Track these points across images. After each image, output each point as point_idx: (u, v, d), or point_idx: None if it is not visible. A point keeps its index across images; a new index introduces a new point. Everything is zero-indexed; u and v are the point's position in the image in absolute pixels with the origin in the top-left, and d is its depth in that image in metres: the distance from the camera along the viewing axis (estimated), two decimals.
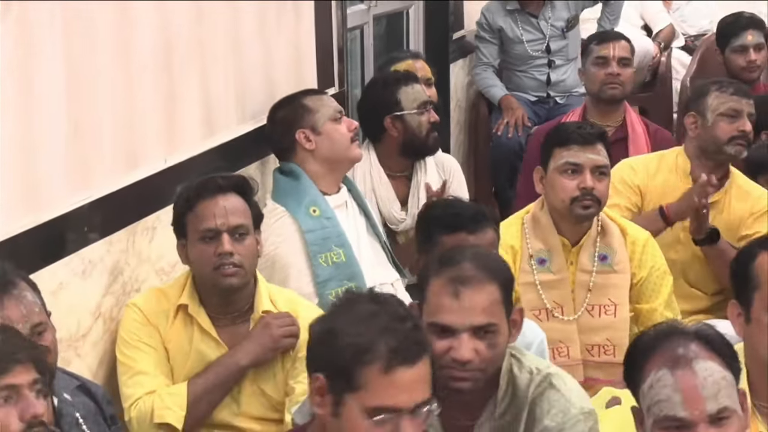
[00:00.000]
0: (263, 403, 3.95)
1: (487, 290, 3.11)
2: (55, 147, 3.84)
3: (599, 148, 4.47)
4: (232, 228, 3.89)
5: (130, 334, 3.97)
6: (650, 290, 4.58)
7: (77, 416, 3.35)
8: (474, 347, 3.06)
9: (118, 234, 4.16)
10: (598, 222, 4.53)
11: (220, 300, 3.95)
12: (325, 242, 4.63)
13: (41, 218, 3.74)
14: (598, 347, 4.47)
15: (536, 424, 3.17)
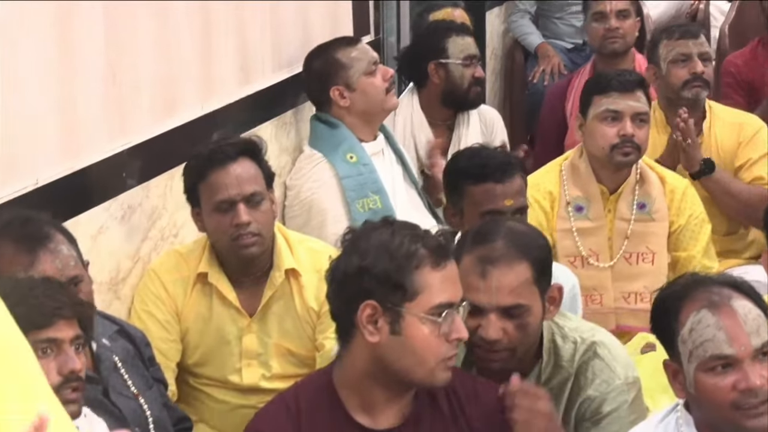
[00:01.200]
0: (293, 362, 3.95)
1: (517, 270, 3.08)
2: (94, 93, 3.86)
3: (639, 95, 4.47)
4: (247, 196, 3.81)
5: (142, 303, 3.96)
6: (688, 238, 4.58)
7: (115, 360, 3.39)
8: (502, 327, 3.05)
9: (156, 179, 4.18)
10: (637, 170, 4.53)
11: (240, 266, 3.92)
12: (362, 188, 4.66)
13: (81, 164, 3.77)
14: (635, 295, 4.47)
15: (580, 393, 3.17)
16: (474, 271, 3.07)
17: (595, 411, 3.14)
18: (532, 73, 7.18)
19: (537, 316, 3.11)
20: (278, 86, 5.06)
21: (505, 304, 3.05)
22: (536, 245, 3.20)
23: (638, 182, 4.53)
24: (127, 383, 3.38)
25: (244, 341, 3.91)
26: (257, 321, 3.92)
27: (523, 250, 3.12)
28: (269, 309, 3.94)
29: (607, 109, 4.44)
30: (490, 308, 3.05)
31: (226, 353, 3.92)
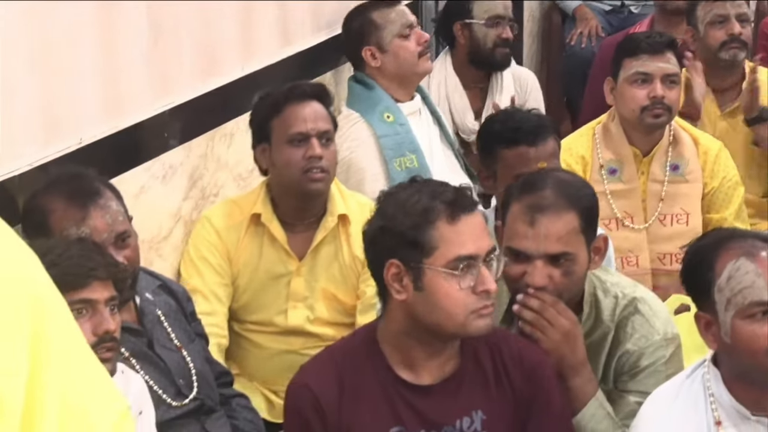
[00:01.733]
0: (336, 308, 4.01)
1: (565, 219, 3.08)
2: (136, 54, 3.90)
3: (669, 56, 4.46)
4: (320, 132, 3.93)
5: (195, 249, 4.03)
6: (721, 200, 4.58)
7: (159, 314, 3.45)
8: (548, 274, 3.06)
9: (197, 140, 4.22)
10: (670, 132, 4.53)
11: (298, 205, 4.00)
12: (399, 147, 4.67)
13: (124, 123, 3.80)
14: (670, 256, 4.46)
15: (619, 348, 3.18)
16: (522, 218, 3.08)
17: (633, 365, 3.16)
18: (570, 35, 7.15)
19: (582, 265, 3.12)
20: (317, 47, 5.08)
21: (552, 252, 3.06)
22: (584, 195, 3.21)
23: (671, 144, 4.52)
24: (170, 336, 3.43)
25: (292, 284, 3.98)
26: (306, 265, 4.00)
27: (571, 199, 3.13)
28: (318, 253, 4.01)
29: (637, 71, 4.43)
30: (537, 255, 3.05)
31: (273, 295, 3.99)
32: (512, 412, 2.89)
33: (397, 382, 2.88)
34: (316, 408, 2.85)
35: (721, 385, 2.78)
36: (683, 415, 2.79)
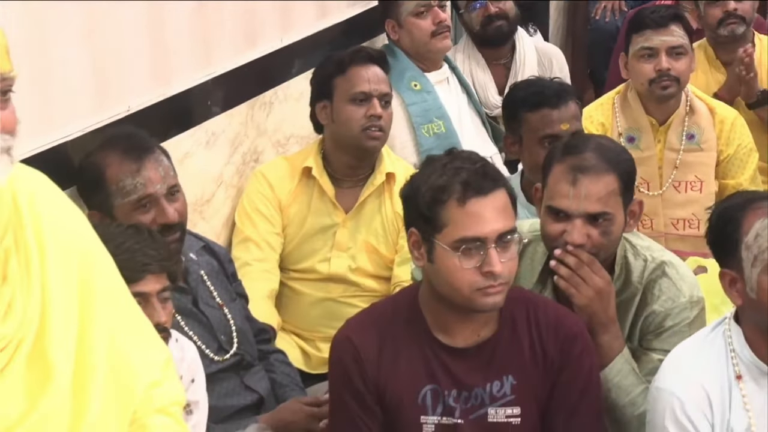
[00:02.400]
0: (376, 260, 4.07)
1: (605, 180, 3.07)
2: (181, 25, 3.92)
3: (673, 29, 4.44)
4: (381, 94, 4.02)
5: (250, 202, 4.09)
6: (736, 167, 4.58)
7: (202, 273, 3.49)
8: (587, 233, 3.06)
9: (238, 108, 4.24)
10: (687, 101, 4.51)
11: (351, 161, 4.08)
12: (426, 114, 4.69)
13: (169, 92, 3.83)
14: (683, 221, 4.48)
15: (646, 308, 3.18)
16: (565, 178, 3.07)
17: (659, 325, 3.16)
18: (595, 9, 7.13)
19: (619, 226, 3.11)
20: (352, 20, 5.06)
21: (592, 211, 3.05)
22: (623, 159, 3.20)
23: (687, 113, 4.51)
24: (213, 294, 3.48)
25: (337, 234, 4.05)
26: (351, 218, 4.07)
27: (612, 162, 3.12)
28: (364, 208, 4.08)
29: (642, 46, 4.43)
30: (577, 214, 3.05)
31: (318, 244, 4.06)
32: (542, 378, 2.90)
33: (434, 343, 2.89)
34: (356, 360, 2.89)
35: (742, 341, 2.79)
36: (705, 368, 2.80)
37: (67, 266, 2.32)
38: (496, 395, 2.88)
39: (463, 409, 2.88)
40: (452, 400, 2.88)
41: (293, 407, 3.42)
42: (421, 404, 2.88)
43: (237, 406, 3.40)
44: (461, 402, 2.88)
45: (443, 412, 2.88)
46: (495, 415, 2.88)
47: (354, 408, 2.89)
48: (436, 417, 2.88)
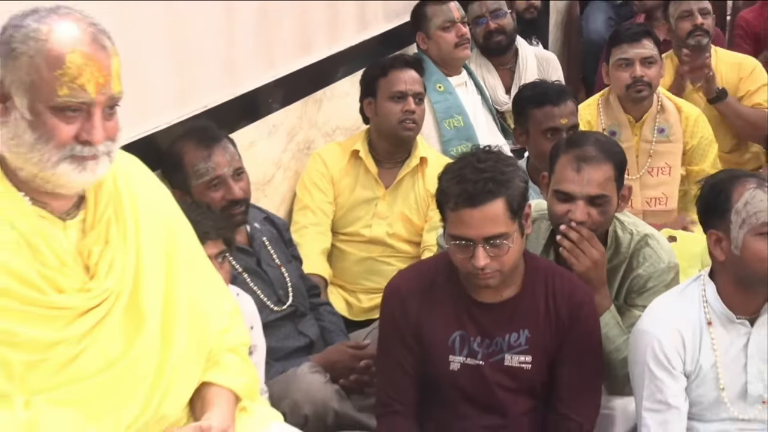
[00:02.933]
0: (408, 228, 4.06)
1: (603, 168, 3.07)
2: (248, 37, 3.91)
3: (645, 43, 4.41)
4: (415, 93, 4.03)
5: (309, 177, 4.10)
6: (699, 155, 4.55)
7: (264, 240, 3.51)
8: (588, 212, 3.06)
9: (294, 104, 4.23)
10: (658, 101, 4.48)
11: (391, 147, 4.09)
12: (448, 110, 4.67)
13: (238, 91, 3.84)
14: (655, 199, 4.45)
15: (632, 272, 3.18)
16: (570, 167, 3.07)
17: (642, 286, 3.17)
18: None
19: (613, 206, 3.11)
20: (388, 33, 5.04)
21: (593, 194, 3.06)
22: (617, 152, 3.19)
23: (659, 111, 4.48)
24: (273, 256, 3.49)
25: (378, 205, 4.06)
26: (390, 192, 4.08)
27: (609, 154, 3.12)
28: (401, 185, 4.08)
29: (620, 58, 4.40)
30: (580, 196, 3.05)
31: (362, 212, 4.07)
32: (552, 335, 2.89)
33: (466, 297, 2.89)
34: (402, 305, 2.90)
35: (714, 294, 2.81)
36: (681, 314, 2.82)
37: (156, 233, 2.33)
38: (512, 344, 2.89)
39: (485, 353, 2.89)
40: (476, 345, 2.89)
41: (338, 349, 3.43)
42: (450, 346, 2.89)
43: (292, 348, 3.41)
44: (483, 347, 2.89)
45: (468, 354, 2.89)
46: (510, 360, 2.89)
47: (396, 343, 2.91)
48: (462, 357, 2.89)
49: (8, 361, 2.06)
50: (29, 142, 2.07)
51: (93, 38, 2.09)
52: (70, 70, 2.05)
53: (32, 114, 2.07)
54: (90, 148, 2.09)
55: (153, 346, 2.24)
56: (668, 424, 2.80)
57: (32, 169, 2.10)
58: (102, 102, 2.10)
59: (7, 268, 2.07)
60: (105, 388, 2.16)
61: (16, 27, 2.08)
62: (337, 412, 3.17)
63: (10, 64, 2.06)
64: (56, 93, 2.05)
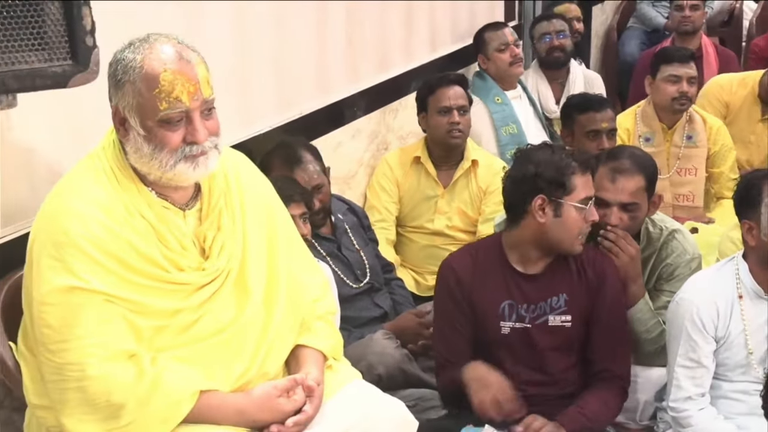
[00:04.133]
0: (465, 220, 4.02)
1: (635, 179, 3.05)
2: (337, 55, 3.93)
3: (691, 65, 4.40)
4: (459, 107, 3.97)
5: (376, 179, 4.09)
6: (720, 159, 4.50)
7: (346, 227, 3.51)
8: (620, 217, 3.05)
9: (374, 113, 4.25)
10: (687, 113, 4.45)
11: (444, 153, 4.04)
12: (505, 119, 4.63)
13: (328, 101, 3.86)
14: (683, 196, 4.41)
15: (662, 262, 3.16)
16: (607, 177, 3.06)
17: (669, 274, 3.14)
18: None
19: (643, 211, 3.10)
20: (454, 53, 5.01)
21: (625, 201, 3.04)
22: (649, 164, 3.16)
23: (687, 121, 4.45)
24: (353, 242, 3.49)
25: (438, 203, 4.02)
26: (448, 191, 4.03)
27: (641, 167, 3.10)
28: (456, 184, 4.04)
29: (671, 74, 4.36)
30: (614, 203, 3.04)
31: (425, 209, 4.03)
32: (585, 296, 2.89)
33: (512, 270, 2.89)
34: (456, 280, 2.89)
35: (746, 272, 2.81)
36: (716, 287, 2.82)
37: (259, 219, 2.35)
38: (554, 307, 2.88)
39: (531, 317, 2.88)
40: (523, 311, 2.88)
41: (407, 317, 3.41)
42: (500, 314, 2.87)
43: (368, 317, 3.41)
44: (529, 312, 2.88)
45: (516, 319, 2.87)
46: (553, 320, 2.88)
47: (452, 308, 2.90)
48: (511, 323, 2.88)
49: (138, 327, 2.10)
50: (148, 153, 2.11)
51: (179, 56, 2.10)
52: (164, 87, 2.07)
53: (144, 130, 2.10)
54: (197, 147, 2.12)
55: (257, 314, 2.26)
56: (697, 379, 2.81)
57: (156, 173, 2.14)
58: (197, 107, 2.12)
59: (138, 251, 2.11)
60: (218, 348, 2.18)
61: (118, 61, 2.11)
62: (405, 372, 3.16)
63: (120, 93, 2.11)
64: (158, 108, 2.08)
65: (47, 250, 2.05)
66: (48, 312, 2.04)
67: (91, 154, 2.20)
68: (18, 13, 1.65)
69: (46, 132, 2.52)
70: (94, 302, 2.04)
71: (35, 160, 2.49)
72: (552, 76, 5.34)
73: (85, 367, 2.03)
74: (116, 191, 2.13)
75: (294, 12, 3.57)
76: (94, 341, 2.03)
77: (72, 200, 2.09)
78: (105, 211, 2.09)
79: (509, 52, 4.78)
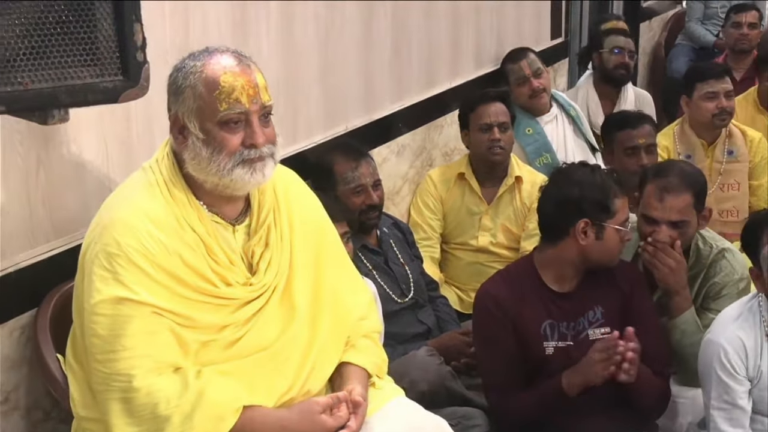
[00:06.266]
0: (509, 237, 3.98)
1: (683, 197, 3.02)
2: (383, 73, 3.94)
3: (727, 79, 4.37)
4: (499, 124, 3.93)
5: (420, 197, 4.06)
6: (759, 171, 4.44)
7: (391, 242, 3.50)
8: (669, 234, 3.02)
9: (419, 129, 4.25)
10: (727, 128, 4.40)
11: (487, 169, 4.01)
12: (538, 150, 4.57)
13: (374, 117, 3.87)
14: (727, 212, 4.35)
15: (709, 280, 3.13)
16: (654, 195, 3.04)
17: (717, 293, 3.11)
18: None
19: (693, 227, 3.08)
20: (498, 70, 4.95)
21: (674, 219, 3.02)
22: (697, 181, 3.13)
23: (727, 136, 4.40)
24: (398, 256, 3.48)
25: (482, 219, 3.99)
26: (492, 207, 4.00)
27: (689, 183, 3.07)
28: (501, 201, 4.00)
29: (708, 91, 4.32)
30: (662, 221, 3.01)
31: (469, 225, 4.00)
32: (619, 304, 2.89)
33: (547, 290, 2.88)
34: (497, 305, 2.87)
35: None
36: (743, 327, 2.76)
37: (306, 236, 2.35)
38: (592, 320, 2.87)
39: (572, 334, 2.86)
40: (564, 328, 2.86)
41: (451, 335, 3.40)
42: (542, 334, 2.86)
43: (412, 333, 3.39)
44: (570, 329, 2.86)
45: (559, 338, 2.86)
46: (593, 334, 2.86)
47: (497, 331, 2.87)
48: (555, 342, 2.86)
49: (185, 340, 2.11)
50: (206, 156, 2.13)
51: (238, 60, 2.15)
52: (224, 88, 2.10)
53: (204, 133, 2.12)
54: (255, 151, 2.14)
55: (302, 331, 2.26)
56: (735, 420, 2.74)
57: (213, 179, 2.15)
58: (256, 110, 2.14)
59: (187, 264, 2.13)
60: (263, 363, 2.19)
61: (178, 69, 2.16)
62: (449, 390, 3.14)
63: (180, 99, 2.14)
64: (218, 110, 2.11)
65: (99, 260, 2.08)
66: (97, 322, 2.07)
67: (145, 167, 2.22)
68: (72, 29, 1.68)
69: (96, 146, 2.55)
70: (142, 314, 2.06)
71: (85, 173, 2.53)
72: (605, 91, 5.30)
73: (131, 379, 2.05)
74: (168, 204, 2.15)
75: (341, 29, 3.59)
76: (140, 352, 2.05)
77: (124, 212, 2.12)
78: (156, 224, 2.12)
79: (527, 85, 4.71)
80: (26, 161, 2.35)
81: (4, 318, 2.33)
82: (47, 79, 1.68)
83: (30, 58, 1.62)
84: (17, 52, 1.61)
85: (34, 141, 2.36)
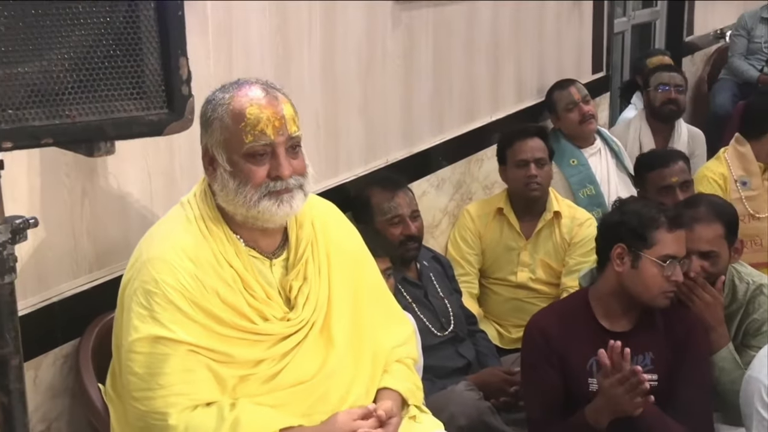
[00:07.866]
0: (548, 272, 3.96)
1: (713, 228, 3.02)
2: (423, 107, 3.96)
3: None
4: (536, 159, 3.92)
5: (458, 231, 4.06)
6: None
7: (430, 275, 3.50)
8: (700, 265, 3.01)
9: (460, 162, 4.26)
10: None
11: (525, 205, 3.99)
12: (581, 182, 4.58)
13: (414, 150, 3.89)
14: None
15: (748, 317, 3.11)
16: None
17: (756, 329, 3.09)
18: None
19: (725, 260, 3.06)
20: (539, 104, 5.00)
21: (704, 250, 3.01)
22: (728, 212, 3.13)
23: None
24: (437, 289, 3.48)
25: (521, 255, 3.97)
26: (531, 243, 3.98)
27: (718, 214, 3.06)
28: (539, 236, 3.98)
29: None
30: (693, 252, 3.00)
31: (507, 261, 3.98)
32: (672, 353, 2.85)
33: (598, 327, 2.86)
34: (545, 338, 2.86)
35: None
36: None
37: (345, 270, 2.36)
38: (640, 365, 2.81)
39: None
40: None
41: (492, 372, 3.39)
42: (588, 370, 2.84)
43: (452, 368, 3.39)
44: None
45: None
46: None
47: (542, 365, 2.86)
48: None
49: (222, 377, 2.13)
50: (233, 188, 2.14)
51: (265, 92, 2.16)
52: (250, 120, 2.12)
53: (231, 165, 2.14)
54: (281, 182, 2.14)
55: (341, 366, 2.26)
56: None
57: (241, 210, 2.16)
58: (282, 142, 2.14)
59: (224, 300, 2.15)
60: (301, 399, 2.19)
61: (209, 102, 2.18)
62: (488, 425, 3.13)
63: (209, 131, 2.16)
64: (244, 141, 2.12)
65: (137, 298, 2.10)
66: (134, 360, 2.09)
67: (183, 202, 2.25)
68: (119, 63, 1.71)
69: (140, 178, 2.59)
70: (178, 352, 2.07)
71: (128, 205, 2.56)
72: (657, 128, 5.29)
73: (167, 417, 2.06)
74: (205, 239, 2.17)
75: (382, 62, 3.62)
76: (176, 390, 2.07)
77: (162, 249, 2.14)
78: (194, 260, 2.13)
79: (577, 110, 4.73)
80: (72, 192, 2.40)
81: (48, 347, 2.37)
82: (94, 112, 1.71)
83: (78, 92, 1.66)
84: (66, 85, 1.65)
85: (80, 173, 2.40)
